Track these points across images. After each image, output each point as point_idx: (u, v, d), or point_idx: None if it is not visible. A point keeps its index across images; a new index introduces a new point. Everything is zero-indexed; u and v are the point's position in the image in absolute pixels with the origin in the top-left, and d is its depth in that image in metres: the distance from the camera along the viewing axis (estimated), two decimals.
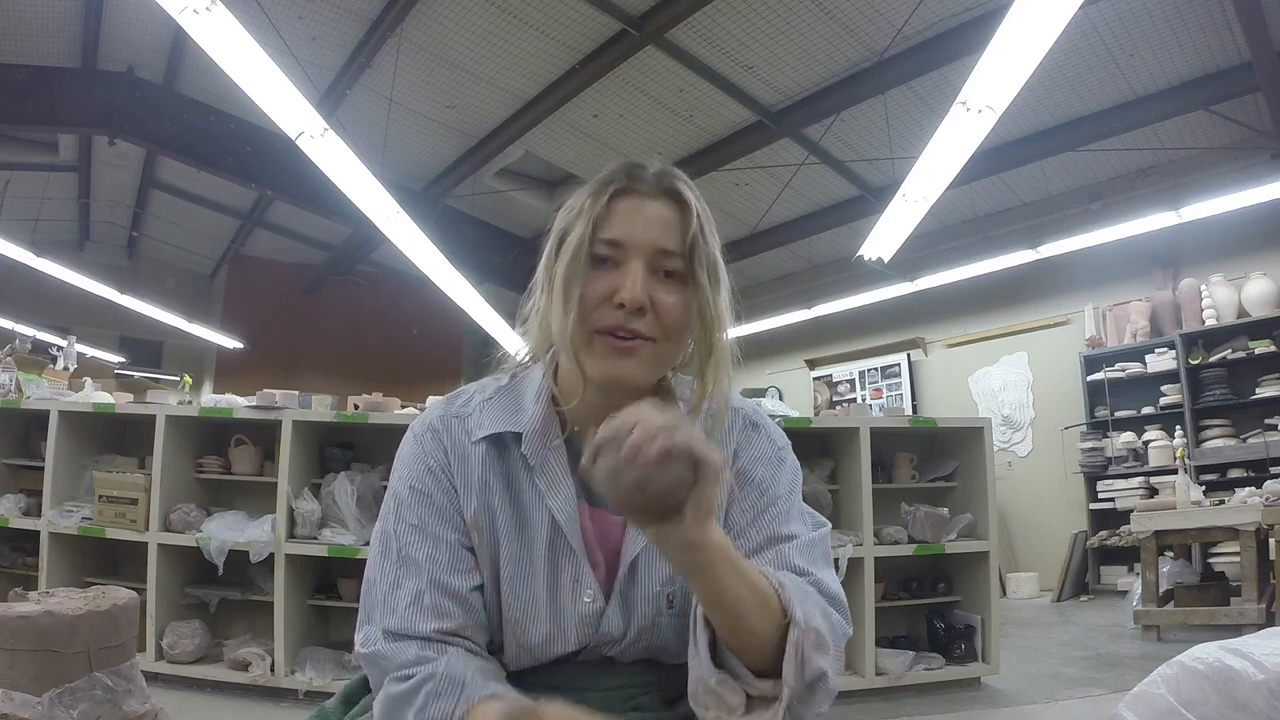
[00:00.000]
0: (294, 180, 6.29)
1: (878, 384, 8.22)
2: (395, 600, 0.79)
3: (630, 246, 0.78)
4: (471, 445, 0.83)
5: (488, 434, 0.83)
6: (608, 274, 0.78)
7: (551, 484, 0.81)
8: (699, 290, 0.79)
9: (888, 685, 3.10)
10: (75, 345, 5.70)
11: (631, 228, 0.78)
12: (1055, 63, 4.18)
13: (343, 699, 0.88)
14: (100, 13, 5.65)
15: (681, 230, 0.79)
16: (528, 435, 0.82)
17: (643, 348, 0.77)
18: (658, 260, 0.78)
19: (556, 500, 0.81)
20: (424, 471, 0.83)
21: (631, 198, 0.80)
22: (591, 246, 0.78)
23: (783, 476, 0.86)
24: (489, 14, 5.16)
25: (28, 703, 1.70)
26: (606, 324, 0.77)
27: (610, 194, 0.79)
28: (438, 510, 0.81)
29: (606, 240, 0.78)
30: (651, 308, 0.77)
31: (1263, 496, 4.02)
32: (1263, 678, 1.35)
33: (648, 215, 0.79)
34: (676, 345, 0.80)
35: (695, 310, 0.79)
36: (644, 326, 0.77)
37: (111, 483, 3.09)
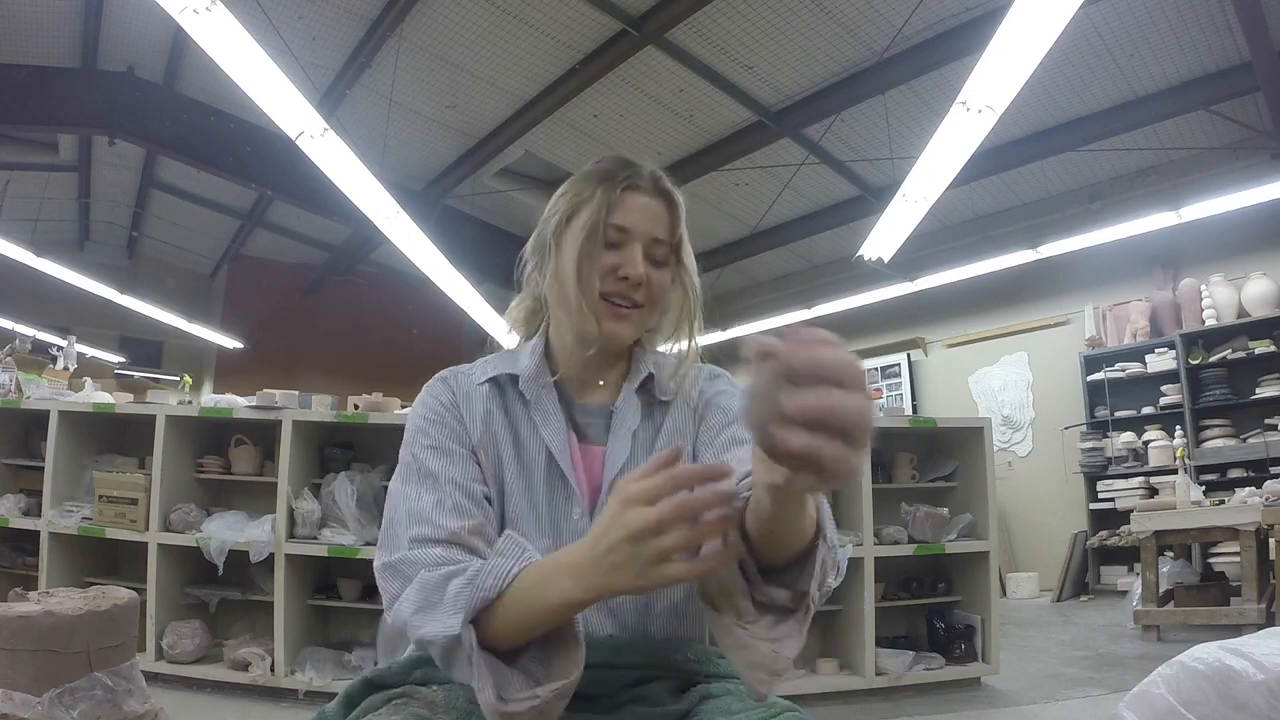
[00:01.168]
0: (294, 180, 6.29)
1: (878, 384, 8.21)
2: (420, 509, 0.85)
3: (634, 233, 0.95)
4: (475, 387, 0.97)
5: (489, 376, 0.98)
6: (612, 252, 0.94)
7: (544, 417, 0.95)
8: (684, 272, 0.99)
9: (888, 685, 3.10)
10: (75, 345, 5.70)
11: (636, 218, 0.95)
12: (1055, 63, 4.18)
13: (343, 702, 0.88)
14: (100, 13, 5.64)
15: (671, 224, 0.98)
16: (524, 377, 0.96)
17: (634, 314, 0.96)
18: (651, 247, 0.96)
19: (548, 431, 0.94)
20: (436, 405, 0.95)
21: (636, 193, 0.96)
22: (605, 230, 0.94)
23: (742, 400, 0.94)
24: (489, 14, 5.16)
25: (28, 703, 1.70)
26: (610, 291, 0.94)
27: (622, 188, 0.95)
28: (450, 432, 0.92)
29: (615, 226, 0.94)
30: (646, 282, 0.95)
31: (1263, 496, 4.02)
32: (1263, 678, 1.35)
33: (649, 209, 0.96)
34: (653, 314, 0.99)
35: (682, 287, 0.99)
36: (639, 295, 0.95)
37: (111, 483, 3.09)
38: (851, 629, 3.19)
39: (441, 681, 0.87)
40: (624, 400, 0.98)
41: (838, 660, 3.22)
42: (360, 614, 3.20)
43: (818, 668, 3.21)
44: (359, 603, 3.16)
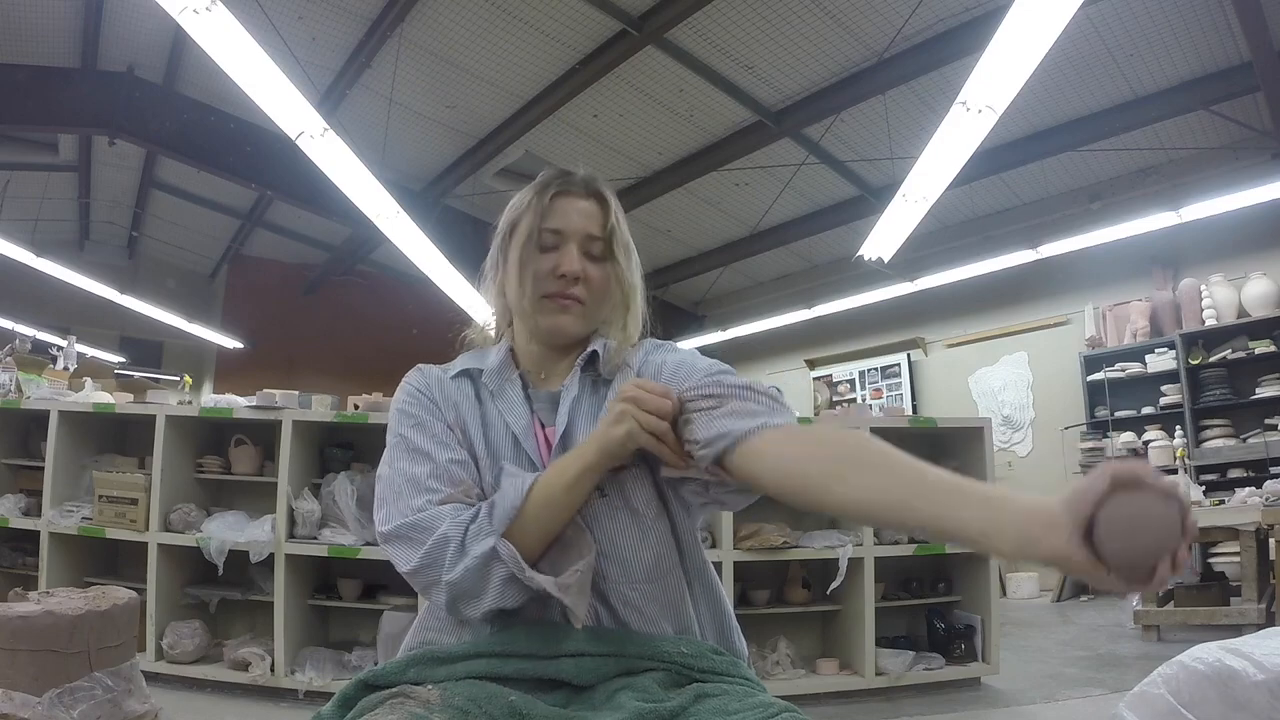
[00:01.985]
0: (294, 180, 6.29)
1: (878, 384, 8.22)
2: (417, 477, 0.94)
3: (567, 233, 1.03)
4: (448, 380, 1.06)
5: (458, 370, 1.07)
6: (550, 254, 1.02)
7: (508, 406, 1.03)
8: (616, 265, 1.04)
9: (888, 685, 3.10)
10: (75, 345, 5.70)
11: (569, 219, 1.03)
12: (1055, 63, 4.18)
13: (339, 703, 0.88)
14: (100, 13, 5.65)
15: (603, 221, 1.04)
16: (488, 370, 1.05)
17: (575, 306, 1.02)
18: (586, 244, 1.03)
19: (512, 416, 1.02)
20: (413, 390, 1.04)
21: (567, 197, 1.05)
22: (540, 235, 1.02)
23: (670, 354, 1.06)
24: (489, 14, 5.16)
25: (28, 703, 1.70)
26: (551, 290, 1.02)
27: (551, 194, 1.04)
28: (430, 410, 1.01)
29: (550, 229, 1.03)
30: (584, 278, 1.02)
31: (1263, 496, 4.02)
32: (1263, 678, 1.35)
33: (580, 210, 1.04)
34: (600, 306, 1.05)
35: (615, 279, 1.05)
36: (579, 291, 1.02)
37: (111, 483, 3.09)
38: (851, 629, 3.19)
39: (437, 680, 0.87)
40: (569, 380, 1.04)
41: (838, 660, 3.22)
42: (360, 614, 3.20)
43: (818, 668, 3.21)
44: (359, 603, 3.16)
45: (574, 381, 1.03)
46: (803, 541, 3.12)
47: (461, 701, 0.83)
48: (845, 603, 3.23)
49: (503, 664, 0.87)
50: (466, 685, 0.85)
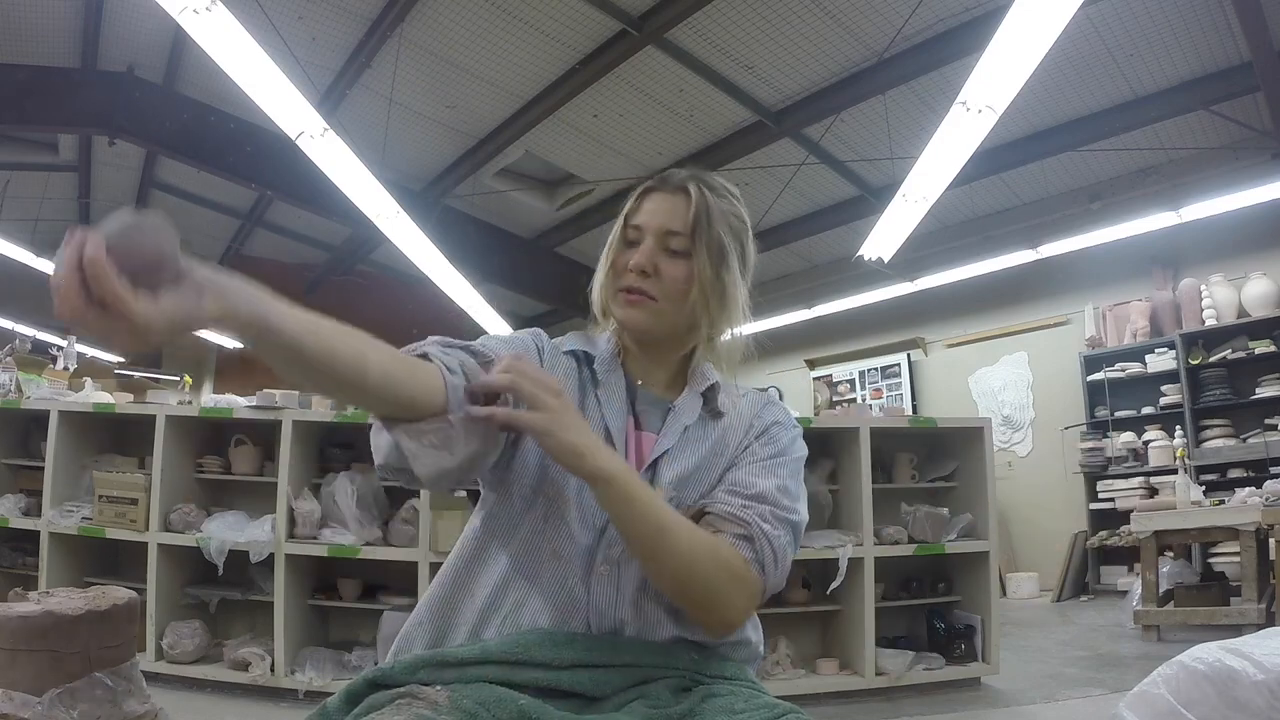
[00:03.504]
0: (294, 180, 6.29)
1: (878, 384, 8.22)
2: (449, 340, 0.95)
3: (646, 228, 1.02)
4: (561, 354, 1.06)
5: (571, 349, 1.07)
6: (633, 250, 1.02)
7: (609, 396, 1.03)
8: (698, 261, 1.00)
9: (888, 685, 3.10)
10: (75, 345, 5.70)
11: (648, 216, 1.03)
12: (1055, 63, 4.18)
13: (345, 698, 0.88)
14: (100, 13, 5.64)
15: (686, 215, 1.01)
16: (599, 358, 1.05)
17: (646, 302, 1.00)
18: (665, 239, 1.01)
19: (610, 411, 1.01)
20: (526, 340, 1.05)
21: (657, 194, 1.04)
22: (625, 232, 1.04)
23: (794, 446, 1.07)
24: (489, 14, 5.16)
25: (28, 703, 1.70)
26: (625, 283, 1.01)
27: (639, 193, 1.05)
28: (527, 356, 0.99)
29: (633, 226, 1.03)
30: (657, 273, 0.99)
31: (1263, 496, 4.02)
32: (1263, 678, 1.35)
33: (662, 205, 1.03)
34: (677, 307, 1.01)
35: (696, 279, 1.00)
36: (649, 286, 1.00)
37: (111, 483, 3.09)
38: (851, 629, 3.19)
39: (446, 682, 0.87)
40: (685, 399, 1.04)
41: (838, 660, 3.22)
42: (360, 614, 3.20)
43: (818, 668, 3.21)
44: (359, 603, 3.16)
45: (689, 404, 1.04)
46: (803, 541, 3.12)
47: (470, 705, 0.83)
48: (845, 603, 3.23)
49: (514, 671, 0.87)
50: (476, 688, 0.85)
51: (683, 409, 1.03)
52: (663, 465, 1.00)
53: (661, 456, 1.00)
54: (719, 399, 1.05)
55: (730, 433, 1.04)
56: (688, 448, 1.01)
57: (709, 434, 1.03)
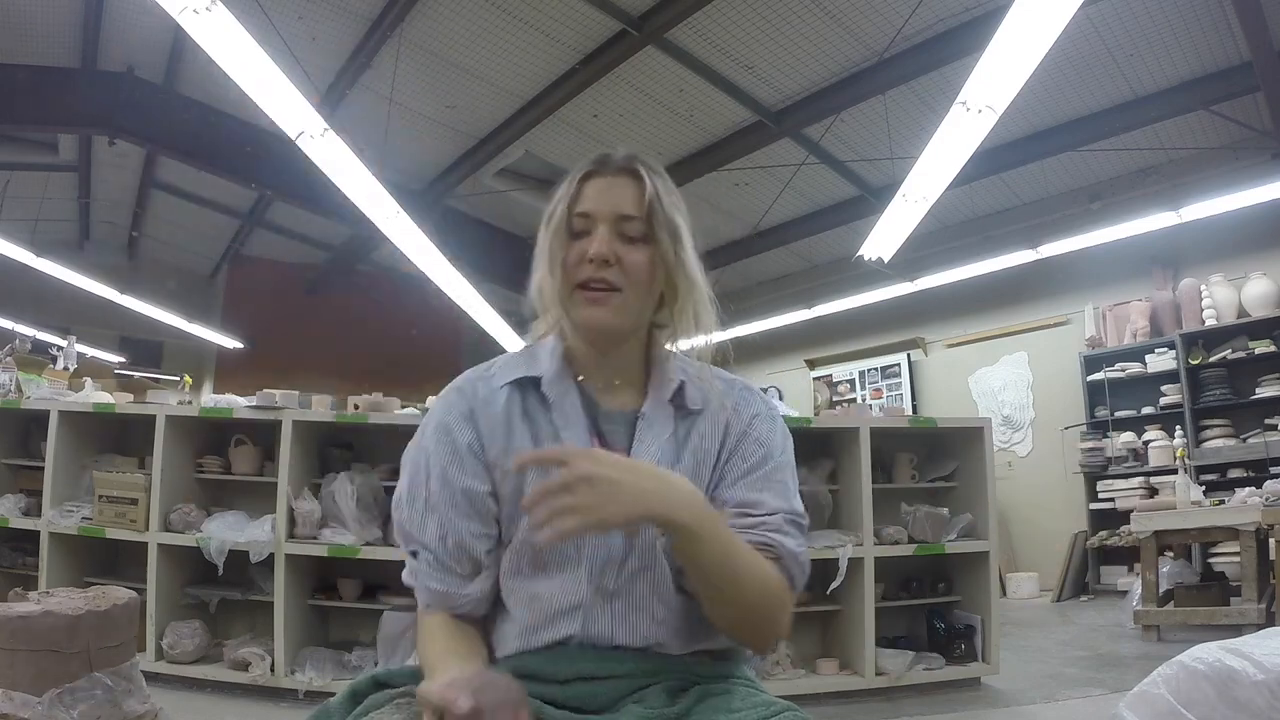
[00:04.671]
0: (294, 180, 6.28)
1: (878, 384, 8.22)
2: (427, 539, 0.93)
3: (597, 215, 0.93)
4: (495, 391, 0.96)
5: (510, 379, 0.97)
6: (582, 241, 0.93)
7: (567, 419, 0.94)
8: (659, 245, 0.93)
9: (888, 685, 3.10)
10: (75, 345, 5.70)
11: (598, 200, 0.94)
12: (1055, 63, 4.17)
13: (349, 696, 0.88)
14: (100, 13, 5.64)
15: (638, 197, 0.94)
16: (546, 378, 0.95)
17: (611, 297, 0.92)
18: (621, 224, 0.93)
19: (570, 434, 0.93)
20: (450, 420, 0.95)
21: (598, 178, 0.96)
22: (569, 221, 0.94)
23: (775, 434, 1.00)
24: (489, 14, 5.16)
25: (28, 703, 1.70)
26: (582, 277, 0.92)
27: (580, 177, 0.96)
28: (460, 458, 0.93)
29: (579, 213, 0.94)
30: (618, 262, 0.92)
31: (1263, 496, 4.02)
32: (1263, 678, 1.35)
33: (610, 188, 0.95)
34: (643, 295, 0.94)
35: (658, 262, 0.93)
36: (612, 276, 0.91)
37: (111, 483, 3.09)
38: (851, 629, 3.19)
39: None
40: (652, 407, 0.96)
41: (838, 660, 3.22)
42: (360, 614, 3.20)
43: (818, 668, 3.21)
44: (359, 603, 3.16)
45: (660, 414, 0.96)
46: None
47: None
48: (845, 603, 3.23)
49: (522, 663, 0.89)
50: None
51: (652, 418, 0.95)
52: None
53: None
54: (688, 395, 0.97)
55: (709, 430, 0.97)
56: (668, 461, 0.94)
57: (687, 438, 0.96)
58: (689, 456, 0.95)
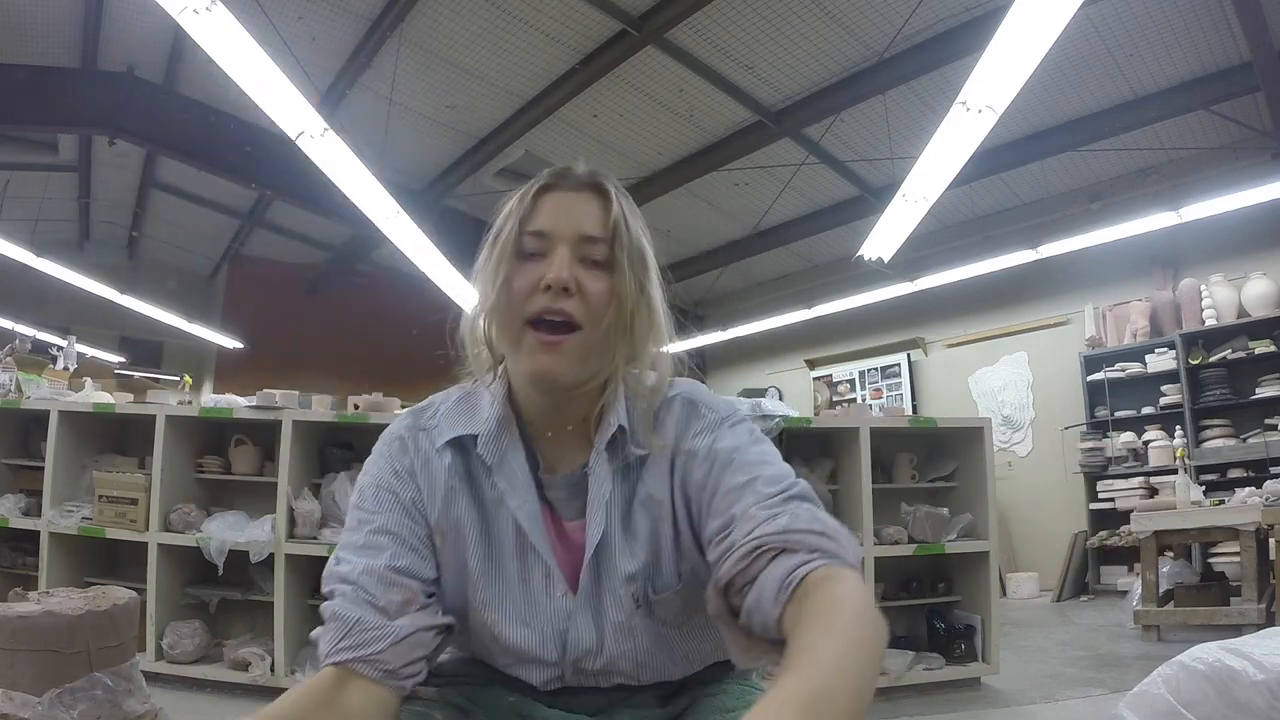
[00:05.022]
0: (294, 180, 6.29)
1: (878, 384, 8.22)
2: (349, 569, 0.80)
3: (555, 235, 0.81)
4: (435, 452, 0.85)
5: (448, 439, 0.85)
6: (536, 265, 0.81)
7: (510, 482, 0.83)
8: (621, 273, 0.81)
9: (888, 685, 3.09)
10: (75, 345, 5.70)
11: (556, 218, 0.82)
12: (1055, 63, 4.18)
13: None
14: (100, 13, 5.64)
15: (603, 218, 0.83)
16: (483, 436, 0.84)
17: (568, 341, 0.79)
18: (582, 247, 0.81)
19: (515, 499, 0.82)
20: (390, 474, 0.85)
21: (556, 192, 0.84)
22: (520, 240, 0.81)
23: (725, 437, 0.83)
24: (489, 14, 5.16)
25: (28, 703, 1.70)
26: (536, 309, 0.79)
27: (535, 191, 0.84)
28: (404, 509, 0.83)
29: (533, 232, 0.82)
30: (579, 291, 0.79)
31: (1263, 496, 4.02)
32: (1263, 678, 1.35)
33: (571, 206, 0.83)
34: (602, 333, 0.81)
35: (620, 292, 0.81)
36: (571, 307, 0.79)
37: (111, 483, 3.09)
38: None
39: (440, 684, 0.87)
40: (595, 460, 0.83)
41: None
42: None
43: None
44: None
45: (600, 467, 0.82)
46: None
47: (459, 699, 0.84)
48: None
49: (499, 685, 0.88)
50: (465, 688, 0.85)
51: (600, 475, 0.82)
52: (606, 561, 0.82)
53: (599, 553, 0.82)
54: (630, 445, 0.83)
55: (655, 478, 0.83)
56: (629, 521, 0.82)
57: (632, 489, 0.83)
58: (640, 514, 0.83)
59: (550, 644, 0.83)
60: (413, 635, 0.77)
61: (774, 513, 0.73)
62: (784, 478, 0.78)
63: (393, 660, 0.75)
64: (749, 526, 0.73)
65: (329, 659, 0.75)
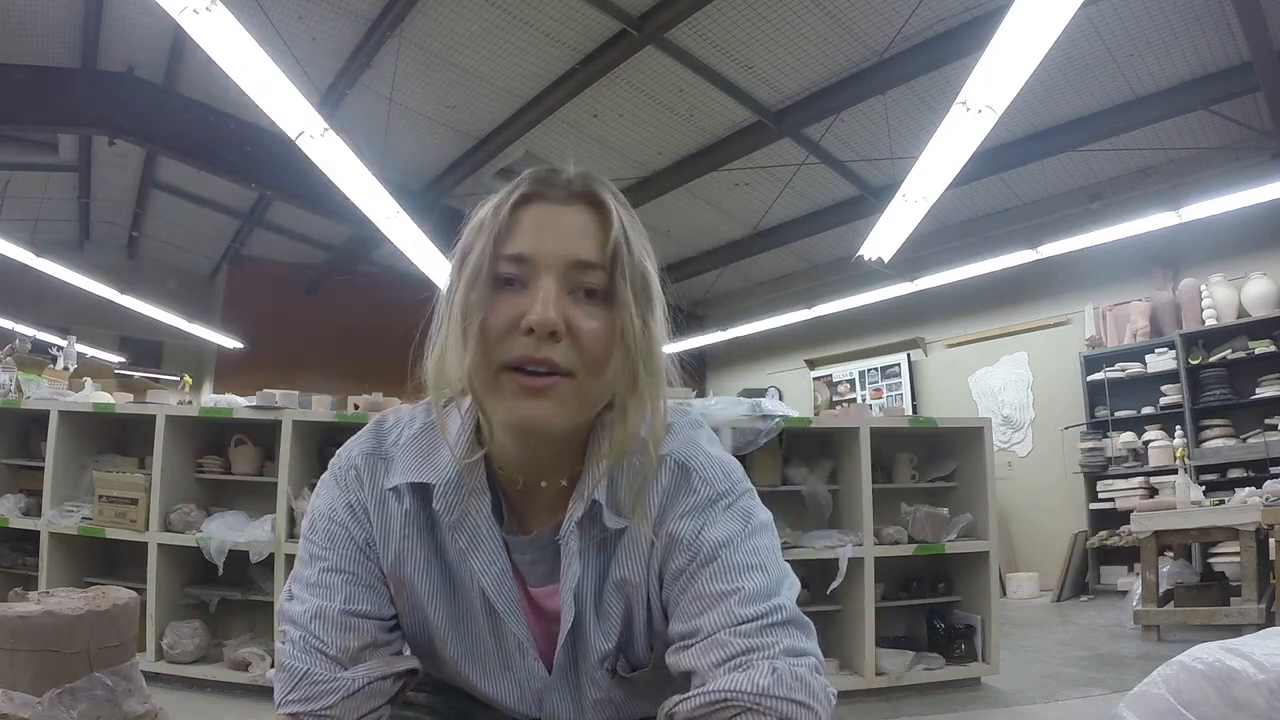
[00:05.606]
0: (294, 180, 6.29)
1: (878, 384, 8.22)
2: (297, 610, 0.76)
3: (539, 261, 0.66)
4: (389, 492, 0.75)
5: (406, 480, 0.74)
6: (515, 297, 0.66)
7: (473, 542, 0.72)
8: (622, 308, 0.66)
9: (888, 685, 3.10)
10: (75, 345, 5.70)
11: (540, 239, 0.66)
12: (1055, 63, 4.18)
13: None
14: (100, 13, 5.65)
15: (600, 237, 0.67)
16: (441, 487, 0.72)
17: (559, 385, 0.65)
18: (574, 275, 0.66)
19: (479, 561, 0.72)
20: (344, 507, 0.76)
21: (540, 204, 0.69)
22: (494, 266, 0.66)
23: (715, 525, 0.70)
24: (489, 14, 5.16)
25: (28, 703, 1.70)
26: (514, 356, 0.64)
27: (514, 202, 0.68)
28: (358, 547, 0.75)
29: (511, 256, 0.66)
30: (569, 333, 0.65)
31: (1263, 496, 4.02)
32: (1263, 678, 1.35)
33: (560, 224, 0.68)
34: (600, 379, 0.67)
35: (621, 333, 0.67)
36: (559, 355, 0.64)
37: (111, 483, 3.09)
38: (851, 629, 3.19)
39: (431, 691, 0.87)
40: (567, 534, 0.71)
41: (838, 660, 3.22)
42: None
43: None
44: None
45: (573, 546, 0.71)
46: (803, 541, 3.12)
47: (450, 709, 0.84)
48: (845, 603, 3.23)
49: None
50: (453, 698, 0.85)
51: (570, 552, 0.71)
52: (581, 643, 0.74)
53: (575, 632, 0.73)
54: (605, 511, 0.71)
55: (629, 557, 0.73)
56: (600, 603, 0.73)
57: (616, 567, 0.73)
58: (613, 596, 0.73)
59: (529, 699, 0.78)
60: (368, 686, 0.71)
61: (749, 650, 0.63)
62: (769, 594, 0.66)
63: (345, 714, 0.71)
64: (717, 656, 0.64)
65: (280, 708, 0.72)
